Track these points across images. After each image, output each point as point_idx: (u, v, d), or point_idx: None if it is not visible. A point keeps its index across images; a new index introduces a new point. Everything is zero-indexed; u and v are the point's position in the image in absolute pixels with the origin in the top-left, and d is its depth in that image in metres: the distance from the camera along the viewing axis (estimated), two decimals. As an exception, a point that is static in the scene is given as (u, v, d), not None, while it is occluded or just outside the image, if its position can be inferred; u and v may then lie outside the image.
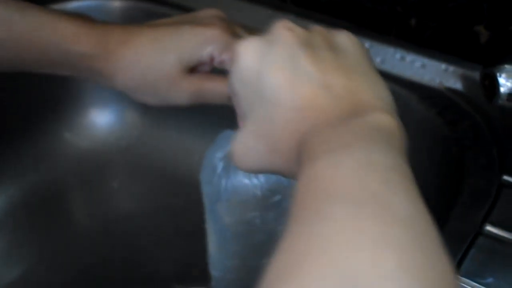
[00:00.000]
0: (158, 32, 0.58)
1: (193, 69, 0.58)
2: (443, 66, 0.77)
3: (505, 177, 0.65)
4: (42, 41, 0.56)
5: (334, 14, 0.84)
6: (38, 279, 0.87)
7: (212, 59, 0.57)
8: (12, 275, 0.86)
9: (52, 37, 0.56)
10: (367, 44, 0.80)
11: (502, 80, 0.64)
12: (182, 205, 0.89)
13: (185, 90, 0.57)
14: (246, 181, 0.53)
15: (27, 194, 0.92)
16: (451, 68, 0.77)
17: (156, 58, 0.57)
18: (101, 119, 0.97)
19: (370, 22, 0.82)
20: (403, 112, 0.76)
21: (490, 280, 0.55)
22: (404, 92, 0.76)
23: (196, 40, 0.57)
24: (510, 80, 0.64)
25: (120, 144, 0.96)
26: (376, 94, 0.41)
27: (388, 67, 0.79)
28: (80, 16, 0.59)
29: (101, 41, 0.57)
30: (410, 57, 0.79)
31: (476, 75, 0.73)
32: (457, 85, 0.76)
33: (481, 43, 0.76)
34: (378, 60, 0.80)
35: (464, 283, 0.54)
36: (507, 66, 0.64)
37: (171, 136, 0.95)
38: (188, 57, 0.56)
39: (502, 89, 0.64)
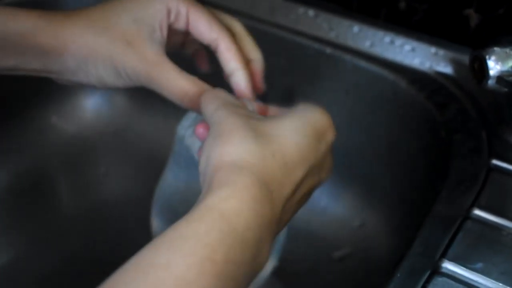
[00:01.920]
0: (107, 3, 0.55)
1: (151, 35, 0.53)
2: (432, 49, 0.77)
3: (494, 161, 0.65)
4: None
5: (323, -4, 0.83)
6: (26, 264, 0.86)
7: (169, 10, 0.53)
8: (1, 259, 0.86)
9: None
10: (356, 28, 0.80)
11: (491, 63, 0.63)
12: (169, 189, 0.88)
13: (132, 61, 0.52)
14: None
15: (14, 179, 0.92)
16: (441, 52, 0.76)
17: (109, 20, 0.53)
18: (88, 104, 0.97)
19: (359, 5, 0.82)
20: (392, 96, 0.77)
21: (478, 265, 0.54)
22: (393, 76, 0.76)
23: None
24: (499, 63, 0.63)
25: (108, 129, 0.96)
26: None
27: (378, 51, 0.79)
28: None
29: (44, 16, 0.53)
30: (399, 40, 0.78)
31: (465, 58, 0.72)
32: (447, 68, 0.76)
33: (471, 26, 0.75)
34: (367, 43, 0.79)
35: (452, 268, 0.54)
36: (496, 49, 0.63)
37: (158, 121, 0.95)
38: (142, 13, 0.53)
39: (491, 72, 0.63)
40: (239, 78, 0.54)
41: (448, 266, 0.54)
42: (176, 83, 0.52)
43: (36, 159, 0.94)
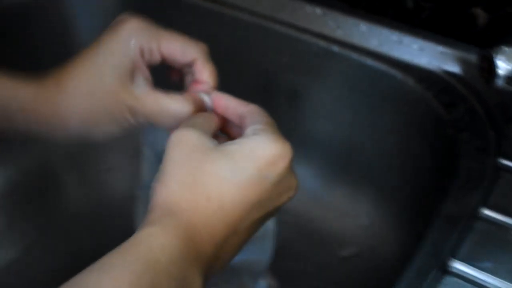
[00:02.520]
0: (84, 57, 0.56)
1: (133, 76, 0.56)
2: (440, 48, 0.76)
3: (502, 160, 0.65)
4: None
5: (330, -5, 0.83)
6: (34, 260, 0.87)
7: (142, 50, 0.55)
8: (8, 256, 0.87)
9: None
10: (363, 26, 0.80)
11: (500, 62, 0.63)
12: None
13: (126, 104, 0.55)
14: None
15: (22, 176, 0.92)
16: (448, 51, 0.76)
17: (91, 74, 0.55)
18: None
19: (367, 4, 0.81)
20: (399, 95, 0.77)
21: (487, 264, 0.54)
22: (401, 75, 0.76)
23: (117, 40, 0.55)
24: (508, 62, 0.63)
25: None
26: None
27: (385, 50, 0.78)
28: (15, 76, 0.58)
29: (39, 91, 0.56)
30: (407, 39, 0.78)
31: (473, 57, 0.72)
32: (454, 67, 0.75)
33: (479, 25, 0.75)
34: (374, 42, 0.79)
35: (460, 267, 0.54)
36: (505, 48, 0.63)
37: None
38: (118, 60, 0.55)
39: (500, 72, 0.63)
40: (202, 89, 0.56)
41: (457, 265, 0.54)
42: (172, 108, 0.54)
43: (43, 156, 0.94)
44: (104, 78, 0.55)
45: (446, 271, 0.54)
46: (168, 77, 0.60)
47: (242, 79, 0.87)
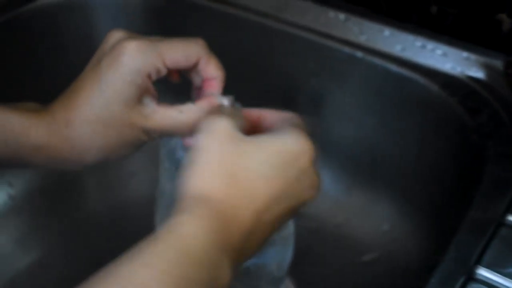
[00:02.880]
0: (87, 87, 0.55)
1: (142, 93, 0.55)
2: (464, 54, 0.76)
3: (527, 167, 0.65)
4: None
5: (354, 1, 0.83)
6: (55, 263, 0.87)
7: (149, 74, 0.54)
8: (29, 259, 0.87)
9: (1, 135, 0.55)
10: (387, 31, 0.80)
11: (526, 68, 0.63)
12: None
13: (137, 126, 0.55)
14: None
15: (44, 179, 0.93)
16: (473, 56, 0.76)
17: (99, 106, 0.54)
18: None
19: (391, 9, 0.81)
20: (423, 100, 0.76)
21: None
22: (425, 80, 0.76)
23: (120, 70, 0.54)
24: (534, 69, 0.63)
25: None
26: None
27: (409, 55, 0.78)
28: (26, 108, 0.57)
29: (50, 129, 0.55)
30: (431, 45, 0.78)
31: (498, 63, 0.72)
32: (479, 73, 0.75)
33: (504, 31, 0.75)
34: (398, 48, 0.79)
35: (486, 274, 0.54)
36: (531, 55, 0.63)
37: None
38: (125, 89, 0.54)
39: (526, 78, 0.63)
40: (215, 86, 0.57)
41: (483, 272, 0.54)
42: (186, 121, 0.55)
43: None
44: (112, 107, 0.54)
45: (472, 278, 0.54)
46: (169, 80, 0.60)
47: (266, 85, 0.87)
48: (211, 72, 0.56)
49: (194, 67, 0.56)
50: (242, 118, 0.52)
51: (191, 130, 0.53)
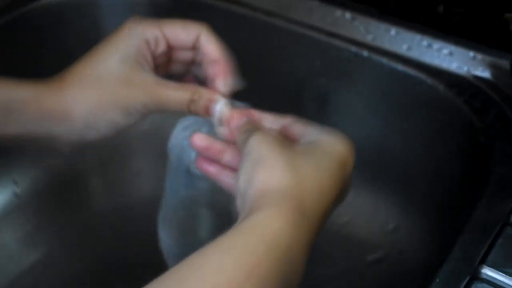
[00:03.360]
0: (88, 56, 0.57)
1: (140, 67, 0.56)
2: (471, 53, 0.76)
3: (534, 167, 0.64)
4: None
5: (362, 0, 0.83)
6: (59, 261, 0.87)
7: (147, 41, 0.56)
8: (33, 257, 0.87)
9: None
10: (393, 31, 0.80)
11: (532, 68, 0.63)
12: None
13: (131, 86, 0.55)
14: None
15: (49, 177, 0.93)
16: (479, 56, 0.76)
17: (100, 70, 0.56)
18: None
19: (398, 9, 0.81)
20: (429, 100, 0.76)
21: (517, 270, 0.54)
22: (431, 80, 0.76)
23: (120, 35, 0.56)
24: (541, 68, 0.63)
25: (142, 128, 0.96)
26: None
27: (415, 54, 0.78)
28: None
29: (42, 84, 0.56)
30: (437, 44, 0.78)
31: (505, 63, 0.72)
32: (485, 73, 0.75)
33: (510, 30, 0.75)
34: (404, 47, 0.79)
35: (491, 274, 0.54)
36: (538, 54, 0.63)
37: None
38: (124, 52, 0.56)
39: (533, 78, 0.63)
40: (220, 71, 0.57)
41: (488, 272, 0.54)
42: (179, 94, 0.55)
43: (70, 158, 0.94)
44: (111, 69, 0.55)
45: (477, 277, 0.54)
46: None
47: (273, 84, 0.87)
48: (212, 51, 0.57)
49: (195, 46, 0.57)
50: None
51: (182, 109, 0.55)
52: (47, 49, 0.90)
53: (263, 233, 0.42)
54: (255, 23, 0.86)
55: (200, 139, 0.54)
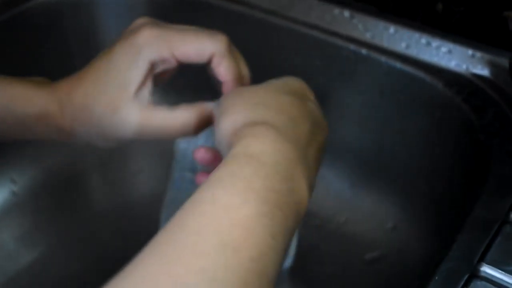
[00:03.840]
0: (97, 65, 0.56)
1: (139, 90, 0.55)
2: (470, 52, 0.76)
3: (533, 165, 0.64)
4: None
5: (359, -2, 0.83)
6: (57, 260, 0.87)
7: (152, 64, 0.55)
8: (31, 256, 0.87)
9: (4, 102, 0.57)
10: (392, 29, 0.80)
11: (532, 66, 0.63)
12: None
13: (130, 116, 0.55)
14: None
15: (47, 176, 0.93)
16: (478, 54, 0.76)
17: (99, 88, 0.55)
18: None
19: (396, 7, 0.81)
20: (428, 98, 0.76)
21: (516, 269, 0.54)
22: (430, 78, 0.75)
23: (129, 53, 0.55)
24: (540, 66, 0.63)
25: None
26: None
27: (414, 53, 0.78)
28: (33, 80, 0.59)
29: (52, 99, 0.56)
30: (436, 42, 0.78)
31: (503, 61, 0.72)
32: (484, 71, 0.75)
33: (510, 28, 0.75)
34: (403, 45, 0.79)
35: (490, 271, 0.54)
36: (537, 52, 0.63)
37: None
38: (127, 74, 0.54)
39: (531, 75, 0.63)
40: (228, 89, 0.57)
41: (487, 270, 0.54)
42: (174, 121, 0.55)
43: (69, 157, 0.94)
44: (108, 92, 0.55)
45: (476, 275, 0.54)
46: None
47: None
48: (222, 74, 0.55)
49: (209, 63, 0.56)
50: None
51: (177, 134, 0.55)
52: (45, 48, 0.90)
53: (245, 159, 0.42)
54: (254, 22, 0.86)
55: (202, 153, 0.56)
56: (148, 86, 0.55)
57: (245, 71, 0.58)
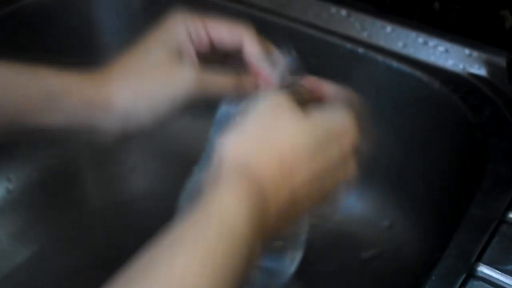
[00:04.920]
0: (133, 48, 0.58)
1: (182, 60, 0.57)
2: (466, 51, 0.76)
3: (529, 164, 0.64)
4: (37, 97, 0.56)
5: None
6: (52, 257, 0.87)
7: (189, 34, 0.57)
8: (26, 253, 0.87)
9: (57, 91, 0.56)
10: (389, 28, 0.80)
11: (529, 65, 0.63)
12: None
13: (184, 75, 0.56)
14: None
15: (42, 174, 0.92)
16: (475, 53, 0.76)
17: (145, 54, 0.56)
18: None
19: (393, 6, 0.81)
20: (425, 97, 0.76)
21: (512, 268, 0.54)
22: (427, 77, 0.76)
23: (164, 28, 0.57)
24: (537, 66, 0.63)
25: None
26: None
27: (411, 52, 0.78)
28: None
29: (83, 75, 0.57)
30: (433, 41, 0.78)
31: (500, 60, 0.72)
32: (481, 70, 0.75)
33: (506, 28, 0.75)
34: (400, 44, 0.79)
35: (487, 271, 0.54)
36: (534, 51, 0.63)
37: (186, 119, 0.95)
38: (167, 45, 0.56)
39: (529, 75, 0.63)
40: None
41: (484, 269, 0.54)
42: (221, 83, 0.57)
43: (63, 154, 0.94)
44: (155, 59, 0.56)
45: (473, 275, 0.54)
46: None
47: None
48: (253, 55, 0.57)
49: (238, 49, 0.57)
50: (301, 89, 0.55)
51: (225, 94, 0.56)
52: (40, 45, 0.89)
53: (217, 213, 0.42)
54: (251, 20, 0.85)
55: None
56: (191, 56, 0.57)
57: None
